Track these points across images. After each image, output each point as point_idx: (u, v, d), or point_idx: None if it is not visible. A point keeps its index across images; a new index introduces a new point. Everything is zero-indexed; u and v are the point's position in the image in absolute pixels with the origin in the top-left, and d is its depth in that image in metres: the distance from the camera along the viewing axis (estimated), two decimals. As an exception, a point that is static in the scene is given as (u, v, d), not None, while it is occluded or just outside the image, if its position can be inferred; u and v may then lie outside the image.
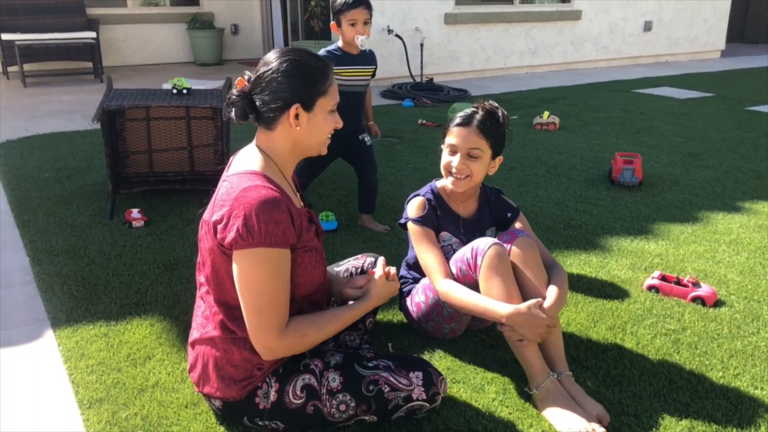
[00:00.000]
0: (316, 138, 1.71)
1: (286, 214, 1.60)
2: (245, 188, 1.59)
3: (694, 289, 2.60)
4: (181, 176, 3.88)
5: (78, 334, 2.34)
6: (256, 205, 1.56)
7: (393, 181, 4.18)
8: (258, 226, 1.55)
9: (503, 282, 1.96)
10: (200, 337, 1.76)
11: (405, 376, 1.73)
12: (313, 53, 1.71)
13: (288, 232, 1.60)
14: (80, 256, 3.01)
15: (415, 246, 2.18)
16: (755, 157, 4.80)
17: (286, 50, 1.68)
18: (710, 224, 3.47)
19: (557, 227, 3.42)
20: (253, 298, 1.60)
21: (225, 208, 1.60)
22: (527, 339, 1.92)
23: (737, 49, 12.72)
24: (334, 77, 1.72)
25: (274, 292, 1.60)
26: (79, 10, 8.62)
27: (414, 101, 6.86)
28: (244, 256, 1.58)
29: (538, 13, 9.14)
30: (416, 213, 2.20)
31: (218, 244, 1.62)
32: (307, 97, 1.65)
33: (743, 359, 2.21)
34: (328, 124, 1.71)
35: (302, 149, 1.72)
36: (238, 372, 1.71)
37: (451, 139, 2.16)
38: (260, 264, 1.58)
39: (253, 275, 1.59)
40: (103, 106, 3.34)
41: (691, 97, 7.43)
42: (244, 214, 1.55)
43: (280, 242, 1.59)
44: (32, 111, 6.32)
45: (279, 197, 1.60)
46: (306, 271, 1.72)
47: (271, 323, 1.62)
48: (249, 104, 1.67)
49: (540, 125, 5.72)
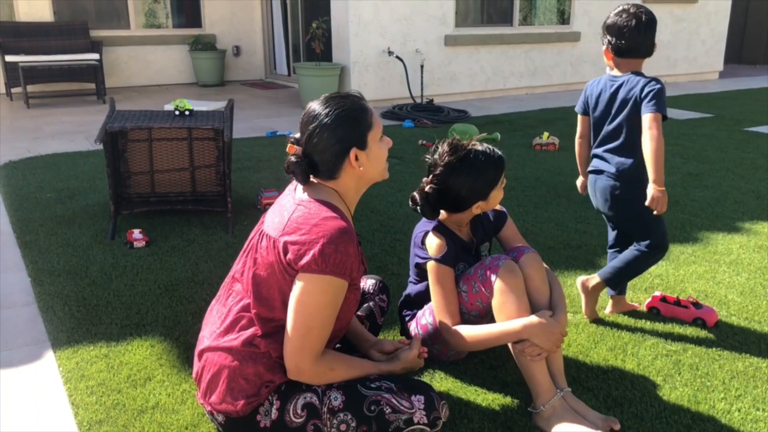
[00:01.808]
0: (377, 168, 1.80)
1: (357, 249, 1.69)
2: (326, 217, 1.67)
3: (696, 310, 2.60)
4: (182, 197, 3.89)
5: (78, 355, 2.34)
6: (336, 235, 1.64)
7: (393, 201, 4.20)
8: (334, 255, 1.63)
9: (516, 297, 2.00)
10: (216, 346, 1.77)
11: (407, 399, 1.73)
12: (347, 94, 1.78)
13: (355, 266, 1.69)
14: (81, 276, 3.01)
15: (432, 284, 2.12)
16: (754, 178, 4.82)
17: (325, 101, 1.75)
18: (710, 244, 3.47)
19: (557, 247, 3.42)
20: (305, 320, 1.66)
21: (302, 232, 1.66)
22: (544, 349, 1.95)
23: (735, 70, 12.81)
24: (370, 107, 1.80)
25: (326, 319, 1.68)
26: (83, 32, 8.72)
27: (414, 122, 6.90)
28: (312, 280, 1.65)
29: (537, 34, 9.22)
30: (438, 252, 2.12)
31: (285, 263, 1.68)
32: (359, 138, 1.73)
33: (744, 380, 2.21)
34: (383, 151, 1.80)
35: (366, 182, 1.82)
36: (248, 386, 1.72)
37: (500, 188, 2.17)
38: (324, 290, 1.66)
39: (314, 299, 1.66)
40: (106, 127, 3.37)
41: (690, 117, 7.47)
42: (323, 242, 1.63)
43: (347, 274, 1.67)
44: (35, 132, 6.36)
45: (353, 231, 1.69)
46: (349, 306, 1.79)
47: (312, 346, 1.68)
48: (309, 165, 1.75)
49: (539, 146, 5.75)
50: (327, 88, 7.77)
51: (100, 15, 9.38)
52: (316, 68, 7.72)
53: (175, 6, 10.01)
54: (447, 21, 8.42)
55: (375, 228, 3.69)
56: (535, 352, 1.96)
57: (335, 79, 7.86)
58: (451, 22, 8.47)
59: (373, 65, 7.98)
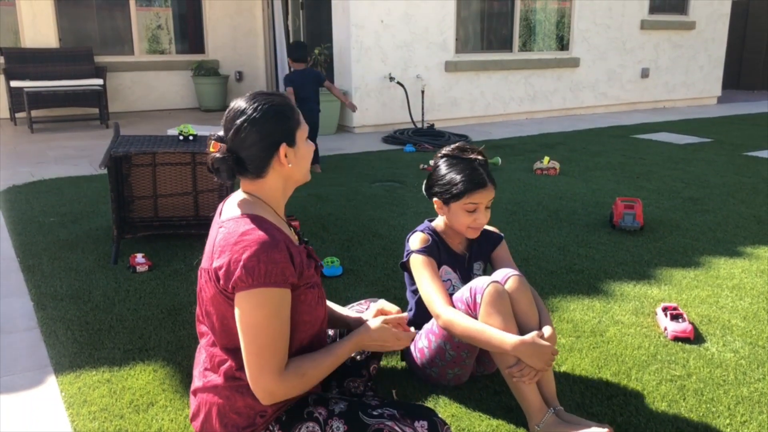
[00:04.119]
0: (303, 168, 1.76)
1: (285, 253, 1.61)
2: (243, 232, 1.61)
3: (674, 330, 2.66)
4: (185, 221, 3.91)
5: (81, 380, 2.33)
6: (255, 247, 1.58)
7: (396, 225, 4.21)
8: (257, 266, 1.56)
9: (503, 319, 2.00)
10: (203, 386, 1.76)
11: (410, 425, 1.72)
12: (272, 92, 1.73)
13: (287, 272, 1.61)
14: (84, 301, 3.01)
15: (417, 277, 2.22)
16: (755, 202, 4.84)
17: (252, 97, 1.70)
18: (712, 269, 3.48)
19: (559, 272, 3.43)
20: (253, 340, 1.60)
21: (225, 254, 1.61)
22: (536, 368, 1.95)
23: (733, 95, 12.91)
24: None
25: (274, 333, 1.60)
26: (88, 57, 8.82)
27: (415, 146, 6.94)
28: (245, 297, 1.59)
29: (537, 60, 9.32)
30: (420, 245, 2.25)
31: (221, 290, 1.63)
32: (289, 133, 1.69)
33: (750, 406, 2.20)
34: (309, 152, 1.77)
35: (292, 183, 1.77)
36: (241, 419, 1.70)
37: (473, 200, 2.20)
38: (261, 305, 1.59)
39: (253, 316, 1.59)
40: (111, 152, 3.40)
41: (689, 142, 7.52)
42: (245, 257, 1.57)
43: (279, 282, 1.59)
44: (39, 156, 6.40)
45: (277, 237, 1.62)
46: (310, 307, 1.72)
47: (271, 365, 1.61)
48: (236, 161, 1.67)
49: (540, 170, 5.78)
50: (329, 112, 7.83)
51: (105, 41, 9.50)
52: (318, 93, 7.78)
53: (179, 32, 10.14)
54: (447, 47, 8.51)
55: (377, 252, 3.69)
56: (529, 373, 1.96)
57: (337, 104, 7.93)
58: (452, 48, 8.56)
59: (375, 90, 8.05)
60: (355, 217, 4.39)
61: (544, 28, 9.54)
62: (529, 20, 9.40)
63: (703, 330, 2.76)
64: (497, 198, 4.88)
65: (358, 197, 4.89)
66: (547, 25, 9.55)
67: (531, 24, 9.44)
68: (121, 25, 9.58)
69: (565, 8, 9.57)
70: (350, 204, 4.70)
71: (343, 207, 4.02)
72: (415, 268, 2.24)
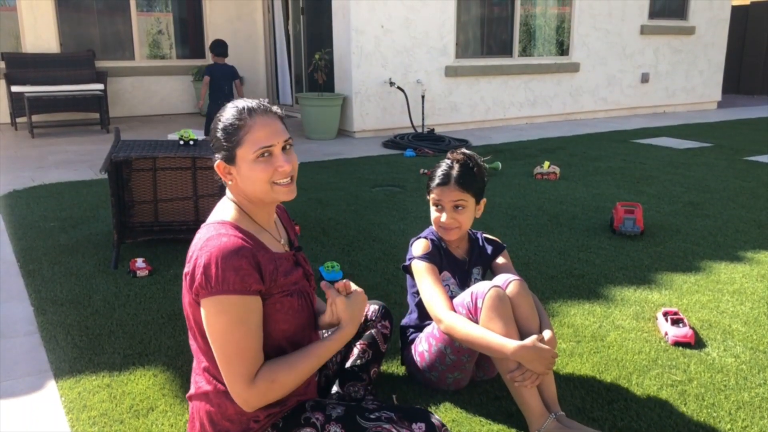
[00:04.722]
0: (253, 187, 1.65)
1: (248, 260, 1.58)
2: (208, 238, 1.60)
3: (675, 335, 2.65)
4: (185, 225, 3.91)
5: (81, 385, 2.33)
6: (215, 253, 1.56)
7: (396, 229, 4.21)
8: (216, 273, 1.55)
9: (504, 323, 2.01)
10: (195, 393, 1.75)
11: (408, 428, 1.71)
12: (254, 104, 1.66)
13: (249, 279, 1.57)
14: (84, 305, 3.01)
15: (419, 281, 2.23)
16: (755, 207, 4.84)
17: (231, 105, 1.69)
18: (713, 274, 3.47)
19: (560, 276, 3.42)
20: (220, 348, 1.59)
21: (193, 259, 1.61)
22: (537, 372, 1.95)
23: (733, 100, 12.93)
24: (256, 124, 1.64)
25: (239, 340, 1.57)
26: (89, 63, 8.84)
27: (416, 151, 6.95)
28: (206, 304, 1.58)
29: (537, 65, 9.34)
30: (422, 252, 2.28)
31: (192, 296, 1.62)
32: (226, 152, 1.66)
33: (751, 411, 2.19)
34: (255, 173, 1.63)
35: (255, 198, 1.69)
36: (234, 426, 1.69)
37: (435, 196, 2.30)
38: (222, 312, 1.56)
39: (216, 324, 1.57)
40: (111, 156, 3.40)
41: (689, 147, 7.52)
42: (204, 263, 1.56)
43: (239, 289, 1.56)
44: (39, 161, 6.41)
45: (240, 244, 1.59)
46: (288, 315, 1.69)
47: (240, 373, 1.58)
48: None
49: (540, 175, 5.79)
50: (329, 117, 7.85)
51: (106, 46, 9.52)
52: (318, 98, 7.80)
53: (179, 37, 10.16)
54: (448, 52, 8.53)
55: (377, 256, 3.69)
56: (530, 377, 1.97)
57: (337, 109, 7.95)
58: (452, 53, 8.58)
59: (375, 95, 8.07)
60: (356, 221, 4.39)
61: (544, 33, 9.56)
62: (529, 25, 9.42)
63: (704, 335, 2.76)
64: (498, 202, 4.88)
65: (359, 202, 4.90)
66: (547, 30, 9.57)
67: (531, 29, 9.46)
68: (121, 30, 9.61)
69: (565, 13, 9.59)
70: (350, 208, 4.70)
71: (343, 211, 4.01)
72: (416, 273, 2.26)
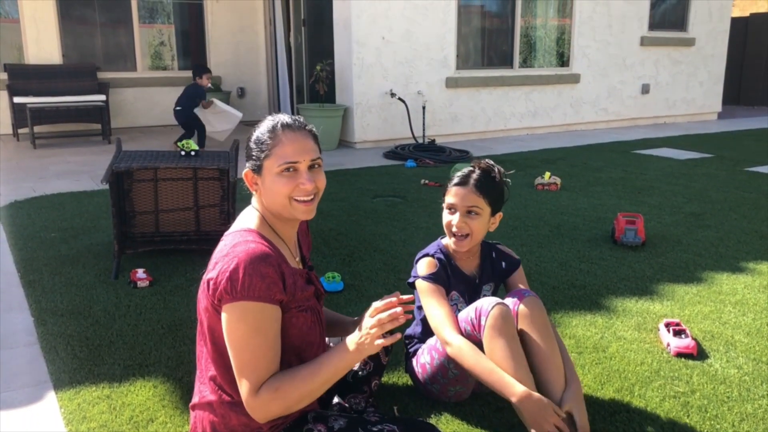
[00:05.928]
0: (273, 199, 1.68)
1: (274, 269, 1.59)
2: (235, 244, 1.61)
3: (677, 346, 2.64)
4: (186, 236, 3.91)
5: (80, 396, 2.31)
6: (243, 258, 1.56)
7: (397, 240, 4.20)
8: (242, 279, 1.55)
9: (507, 343, 1.96)
10: (198, 402, 1.74)
11: (410, 440, 1.70)
12: (274, 120, 1.72)
13: (274, 288, 1.58)
14: (85, 316, 3.00)
15: (424, 302, 2.18)
16: (757, 218, 4.83)
17: (267, 120, 1.74)
18: (715, 285, 3.46)
19: (561, 287, 3.41)
20: (237, 355, 1.59)
21: (218, 265, 1.61)
22: (531, 428, 1.90)
23: (733, 111, 12.95)
24: (286, 138, 1.67)
25: (255, 349, 1.58)
26: (91, 74, 8.88)
27: (417, 162, 6.96)
28: (229, 310, 1.58)
29: (537, 76, 9.37)
30: (427, 271, 2.21)
31: (212, 302, 1.62)
32: (255, 161, 1.71)
33: (754, 423, 2.18)
34: (278, 186, 1.66)
35: (275, 211, 1.71)
36: None
37: (450, 198, 2.23)
38: (243, 318, 1.56)
39: (236, 330, 1.57)
40: (112, 167, 3.40)
41: (690, 157, 7.53)
42: (231, 268, 1.56)
43: (264, 297, 1.57)
44: (41, 172, 6.42)
45: (268, 252, 1.60)
46: (301, 332, 1.70)
47: (250, 381, 1.58)
48: None
49: (541, 185, 5.79)
50: (330, 128, 7.87)
51: (108, 57, 9.56)
52: (319, 109, 7.83)
53: (181, 48, 10.20)
54: (448, 63, 8.56)
55: (378, 267, 3.68)
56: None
57: (338, 120, 7.97)
58: (453, 64, 8.61)
59: (376, 106, 8.09)
60: (356, 232, 4.38)
61: (545, 44, 9.60)
62: (530, 37, 9.46)
63: (706, 346, 2.75)
64: (498, 213, 4.87)
65: (360, 212, 4.90)
66: (547, 42, 9.60)
67: (531, 40, 9.50)
68: (124, 41, 9.65)
69: (565, 25, 9.63)
70: (351, 219, 4.70)
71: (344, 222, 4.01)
72: (421, 293, 2.20)
